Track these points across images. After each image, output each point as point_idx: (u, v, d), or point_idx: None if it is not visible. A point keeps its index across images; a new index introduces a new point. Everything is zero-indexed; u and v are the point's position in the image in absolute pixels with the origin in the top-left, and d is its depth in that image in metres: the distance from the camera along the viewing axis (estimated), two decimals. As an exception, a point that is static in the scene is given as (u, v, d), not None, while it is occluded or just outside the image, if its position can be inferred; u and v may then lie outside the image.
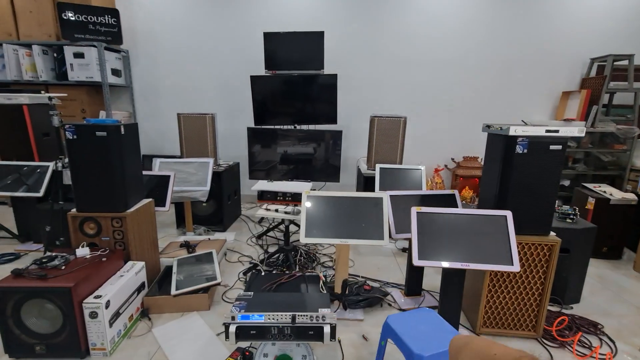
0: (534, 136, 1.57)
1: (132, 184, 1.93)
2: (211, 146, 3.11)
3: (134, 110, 3.82)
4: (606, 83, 3.27)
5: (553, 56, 3.59)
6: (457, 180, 3.68)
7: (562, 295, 2.08)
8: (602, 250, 2.71)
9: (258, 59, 3.39)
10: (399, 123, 2.95)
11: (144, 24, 3.63)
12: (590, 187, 2.83)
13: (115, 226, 1.86)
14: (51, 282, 1.46)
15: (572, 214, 2.10)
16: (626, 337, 1.82)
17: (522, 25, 3.54)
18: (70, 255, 1.68)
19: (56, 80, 3.42)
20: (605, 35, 3.52)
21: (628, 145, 3.41)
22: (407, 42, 3.60)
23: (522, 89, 3.68)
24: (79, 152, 1.74)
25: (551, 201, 1.64)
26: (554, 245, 1.65)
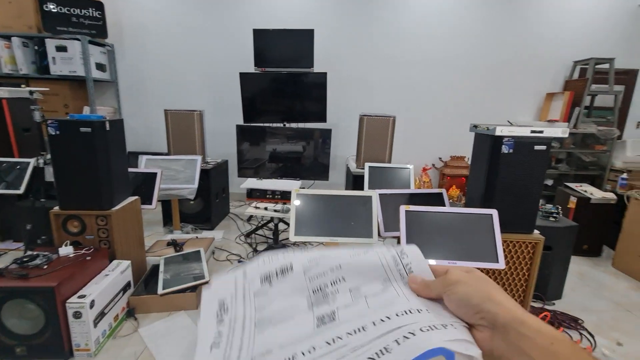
0: (519, 136, 1.61)
1: (118, 182, 1.89)
2: (199, 143, 3.07)
3: (120, 106, 3.73)
4: (588, 85, 3.37)
5: (538, 59, 3.68)
6: (444, 179, 3.74)
7: (544, 291, 2.14)
8: (583, 247, 2.80)
9: (247, 55, 3.36)
10: (388, 122, 2.97)
11: (130, 17, 3.55)
12: (572, 186, 2.92)
13: (100, 224, 1.81)
14: (33, 281, 1.42)
15: (555, 213, 2.16)
16: (605, 331, 1.88)
17: (508, 28, 3.61)
18: (53, 254, 1.63)
19: (37, 73, 3.31)
20: (588, 39, 3.63)
21: (608, 146, 3.52)
22: (396, 42, 3.63)
23: (508, 90, 3.76)
24: (62, 148, 1.69)
25: (535, 200, 1.69)
26: (537, 243, 1.69)
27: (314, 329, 0.36)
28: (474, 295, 0.31)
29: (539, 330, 0.27)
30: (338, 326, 0.35)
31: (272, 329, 0.38)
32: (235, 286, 0.43)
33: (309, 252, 0.42)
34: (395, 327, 0.32)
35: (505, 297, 0.31)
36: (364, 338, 0.32)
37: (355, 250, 0.42)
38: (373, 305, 0.36)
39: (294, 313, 0.39)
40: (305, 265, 0.42)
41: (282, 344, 0.35)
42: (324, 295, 0.39)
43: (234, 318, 0.40)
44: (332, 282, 0.40)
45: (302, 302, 0.39)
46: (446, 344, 0.28)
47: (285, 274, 0.42)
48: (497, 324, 0.29)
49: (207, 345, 0.39)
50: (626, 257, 2.57)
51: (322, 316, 0.37)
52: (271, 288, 0.41)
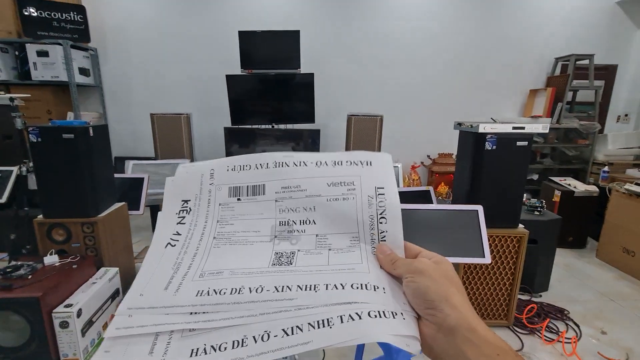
0: (502, 133, 1.64)
1: (103, 188, 1.86)
2: (187, 147, 3.04)
3: (105, 111, 3.67)
4: (569, 81, 3.45)
5: (521, 56, 3.75)
6: (433, 176, 3.78)
7: (531, 284, 2.19)
8: (568, 240, 2.87)
9: (234, 57, 3.34)
10: (376, 121, 3.00)
11: (112, 20, 3.50)
12: (557, 180, 2.98)
13: (86, 232, 1.79)
14: (17, 292, 1.39)
15: (539, 207, 2.21)
16: (590, 321, 1.93)
17: (491, 26, 3.67)
18: (38, 263, 1.60)
19: (18, 79, 3.24)
20: (568, 36, 3.71)
21: (590, 140, 3.61)
22: (382, 41, 3.66)
23: (492, 87, 3.82)
24: (45, 155, 1.66)
25: (519, 194, 1.72)
26: (522, 237, 1.73)
27: (269, 266, 0.35)
28: (432, 291, 0.30)
29: (487, 340, 0.27)
30: (292, 272, 0.34)
31: (228, 249, 0.36)
32: (201, 188, 0.40)
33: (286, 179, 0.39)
34: (346, 301, 0.30)
35: (464, 301, 0.30)
36: (311, 299, 0.31)
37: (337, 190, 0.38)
38: (334, 262, 0.35)
39: (254, 239, 0.37)
40: (279, 195, 0.39)
41: (234, 270, 0.34)
42: (290, 232, 0.37)
43: (195, 222, 0.39)
44: (301, 221, 0.38)
45: (266, 230, 0.38)
46: (389, 339, 0.27)
47: (256, 195, 0.39)
48: (444, 325, 0.29)
49: (163, 241, 0.37)
50: (609, 248, 2.64)
51: (280, 253, 0.36)
52: (238, 204, 0.39)
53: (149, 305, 0.32)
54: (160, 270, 0.35)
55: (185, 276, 0.34)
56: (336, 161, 0.40)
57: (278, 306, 0.31)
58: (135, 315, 0.32)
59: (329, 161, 0.40)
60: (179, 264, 0.35)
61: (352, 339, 0.27)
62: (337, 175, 0.39)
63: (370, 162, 0.40)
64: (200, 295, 0.32)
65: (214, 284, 0.33)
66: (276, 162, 0.40)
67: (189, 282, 0.34)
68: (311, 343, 0.27)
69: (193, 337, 0.30)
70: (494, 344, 0.27)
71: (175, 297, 0.33)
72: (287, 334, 0.28)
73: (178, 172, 0.42)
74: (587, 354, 1.66)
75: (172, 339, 0.30)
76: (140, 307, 0.32)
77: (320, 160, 0.40)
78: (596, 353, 1.67)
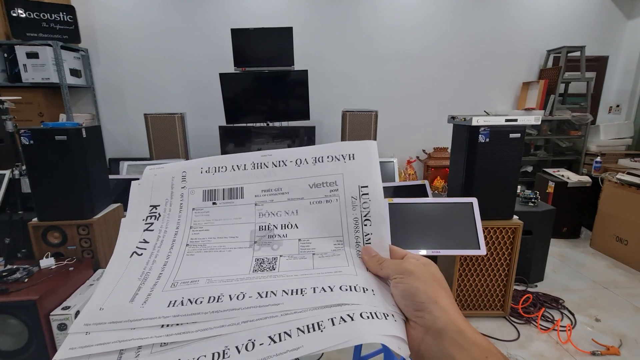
0: (494, 125, 1.65)
1: (98, 189, 1.85)
2: (182, 147, 3.03)
3: (98, 112, 3.64)
4: (561, 73, 3.48)
5: (513, 48, 3.77)
6: (428, 170, 3.80)
7: (527, 274, 2.21)
8: (563, 230, 2.90)
9: (227, 55, 3.32)
10: (371, 117, 3.00)
11: (102, 20, 3.46)
12: (550, 171, 3.01)
13: (82, 234, 1.78)
14: (13, 296, 1.39)
15: (534, 198, 2.23)
16: (584, 309, 1.97)
17: (484, 19, 3.68)
18: (34, 267, 1.59)
19: (8, 82, 3.20)
20: (560, 28, 3.74)
21: (583, 131, 3.64)
22: (374, 36, 3.66)
23: (486, 80, 3.84)
24: (37, 158, 1.65)
25: (513, 186, 1.74)
26: (517, 228, 1.75)
27: (249, 273, 0.32)
28: (421, 293, 0.30)
29: (475, 343, 0.27)
30: (275, 278, 0.31)
31: (204, 256, 0.34)
32: (172, 192, 0.37)
33: (266, 181, 0.37)
34: (335, 303, 0.29)
35: (452, 303, 0.30)
36: (298, 303, 0.29)
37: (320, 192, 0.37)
38: (319, 266, 0.33)
39: (232, 246, 0.34)
40: (259, 198, 0.37)
41: (211, 278, 0.32)
42: (271, 236, 0.35)
43: (165, 229, 0.35)
44: (283, 225, 0.36)
45: (245, 235, 0.35)
46: (382, 339, 0.27)
47: (233, 198, 0.37)
48: (433, 327, 0.28)
49: (127, 251, 0.34)
50: (602, 237, 2.68)
51: (261, 260, 0.34)
52: (213, 209, 0.36)
53: (111, 320, 0.29)
54: (124, 281, 0.32)
55: (154, 287, 0.31)
56: (317, 157, 0.38)
57: (263, 312, 0.28)
58: (94, 332, 0.28)
59: (310, 158, 0.38)
60: (146, 274, 0.32)
61: (345, 341, 0.26)
62: (319, 174, 0.37)
63: (353, 155, 0.38)
64: (173, 305, 0.29)
65: (189, 293, 0.30)
66: (254, 163, 0.38)
67: (159, 293, 0.31)
68: (302, 349, 0.26)
69: (165, 352, 0.27)
70: (483, 347, 0.27)
71: (143, 310, 0.29)
72: (274, 341, 0.26)
73: (145, 175, 0.39)
74: (582, 341, 1.69)
75: (139, 355, 0.27)
76: (100, 322, 0.29)
77: (300, 158, 0.38)
78: (590, 340, 1.70)
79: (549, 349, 1.66)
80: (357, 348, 1.45)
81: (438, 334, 0.28)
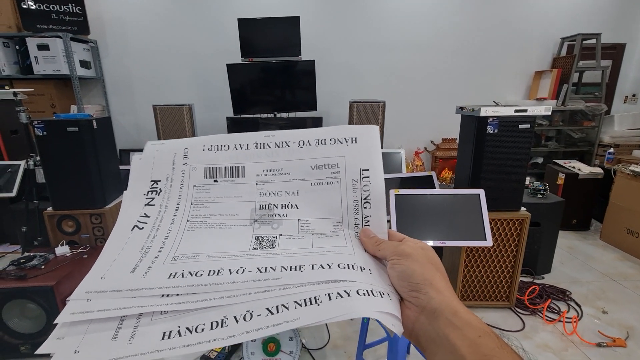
0: (503, 116, 1.63)
1: (110, 179, 1.90)
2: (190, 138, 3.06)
3: (107, 103, 3.69)
4: (575, 62, 3.38)
5: (525, 36, 3.67)
6: (436, 162, 3.77)
7: (534, 266, 2.21)
8: (572, 222, 2.87)
9: (234, 46, 3.31)
10: (378, 107, 2.98)
11: (111, 12, 3.47)
12: (561, 163, 2.96)
13: (95, 223, 1.83)
14: (31, 281, 1.44)
15: (542, 190, 2.21)
16: (592, 301, 1.96)
17: (495, 6, 3.59)
18: (50, 254, 1.65)
19: (21, 74, 3.26)
20: (574, 15, 3.62)
21: (596, 122, 3.56)
22: (382, 25, 3.60)
23: (496, 69, 3.76)
24: (51, 149, 1.69)
25: (521, 178, 1.73)
26: (524, 220, 1.74)
27: (249, 250, 0.33)
28: (418, 274, 0.31)
29: (469, 323, 0.28)
30: (275, 256, 0.32)
31: (204, 232, 0.34)
32: (173, 168, 0.38)
33: (268, 161, 0.38)
34: (333, 279, 0.30)
35: (447, 286, 0.31)
36: (297, 278, 0.30)
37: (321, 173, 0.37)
38: (317, 245, 0.34)
39: (232, 223, 0.35)
40: (260, 177, 0.37)
41: (211, 254, 0.33)
42: (271, 215, 0.36)
43: (165, 205, 0.36)
44: (283, 205, 0.37)
45: (245, 213, 0.36)
46: (376, 315, 0.28)
47: (235, 177, 0.37)
48: (428, 307, 0.29)
49: (128, 224, 0.35)
50: (613, 230, 2.64)
51: (261, 238, 0.34)
52: (214, 186, 0.37)
53: (112, 288, 0.29)
54: (125, 254, 0.33)
55: (155, 260, 0.32)
56: (320, 140, 0.38)
57: (262, 286, 0.29)
58: (95, 299, 0.29)
59: (312, 140, 0.38)
60: (147, 247, 0.33)
61: (340, 315, 0.27)
62: (321, 156, 0.38)
63: (355, 138, 0.38)
64: (174, 277, 0.30)
65: (189, 267, 0.31)
66: (257, 142, 0.39)
67: (159, 265, 0.31)
68: (298, 320, 0.27)
69: (166, 320, 0.27)
70: (476, 326, 0.28)
71: (144, 280, 0.30)
72: (271, 312, 0.27)
73: (147, 150, 0.39)
74: (588, 333, 1.69)
75: (140, 323, 0.27)
76: (101, 290, 0.29)
77: (303, 139, 0.38)
78: (597, 332, 1.70)
79: (554, 339, 1.67)
80: (362, 336, 1.48)
81: (432, 314, 0.29)
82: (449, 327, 0.28)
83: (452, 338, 0.27)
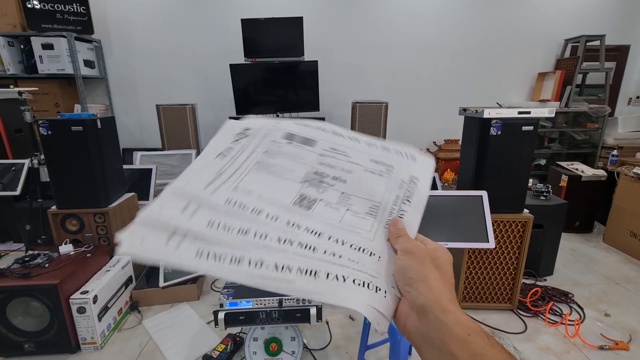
0: (507, 118, 1.63)
1: (113, 179, 1.91)
2: (193, 137, 3.07)
3: (111, 102, 3.71)
4: (579, 63, 3.37)
5: (529, 38, 3.66)
6: (439, 163, 3.76)
7: (536, 268, 2.20)
8: (575, 224, 2.86)
9: (237, 46, 3.32)
10: (381, 108, 2.98)
11: (115, 12, 3.49)
12: (564, 165, 2.95)
13: (98, 221, 1.84)
14: (35, 280, 1.45)
15: (545, 192, 2.20)
16: (594, 304, 1.95)
17: (499, 8, 3.58)
18: (54, 252, 1.66)
19: (25, 73, 3.27)
20: (578, 16, 3.60)
21: (600, 124, 3.55)
22: (385, 26, 3.60)
23: (500, 71, 3.75)
24: (55, 148, 1.70)
25: (524, 180, 1.72)
26: (527, 222, 1.73)
27: (290, 204, 0.38)
28: (414, 270, 0.31)
29: (459, 321, 0.28)
30: (307, 217, 0.37)
31: (263, 175, 0.41)
32: (265, 125, 0.47)
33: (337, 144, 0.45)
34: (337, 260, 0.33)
35: (441, 284, 0.31)
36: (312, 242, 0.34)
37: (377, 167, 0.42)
38: (345, 222, 0.37)
39: (287, 176, 0.41)
40: (325, 152, 0.44)
41: (262, 195, 0.38)
42: (320, 182, 0.41)
43: (247, 145, 0.44)
44: (334, 177, 0.41)
45: (300, 173, 0.41)
46: (364, 309, 0.29)
47: (305, 144, 0.45)
48: (417, 302, 0.30)
49: (215, 151, 0.43)
50: (616, 232, 2.63)
51: (304, 196, 0.39)
52: (286, 145, 0.44)
53: (190, 193, 0.38)
54: (205, 173, 0.41)
55: (223, 184, 0.39)
56: (385, 147, 0.45)
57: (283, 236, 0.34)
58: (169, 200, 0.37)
59: (379, 145, 0.45)
60: (221, 172, 0.41)
61: (329, 298, 0.30)
62: (382, 156, 0.44)
63: (415, 157, 0.45)
64: (228, 203, 0.37)
65: (242, 199, 0.38)
66: (334, 131, 0.46)
67: (224, 190, 0.39)
68: (293, 284, 0.30)
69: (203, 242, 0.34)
70: (466, 325, 0.28)
71: (211, 197, 0.38)
72: (276, 268, 0.31)
73: (248, 119, 0.48)
74: (590, 336, 1.68)
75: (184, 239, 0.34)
76: (182, 192, 0.38)
77: (371, 142, 0.45)
78: (599, 335, 1.69)
79: (556, 342, 1.66)
80: (363, 337, 1.48)
81: (422, 311, 0.29)
82: (438, 324, 0.28)
83: (442, 335, 0.27)
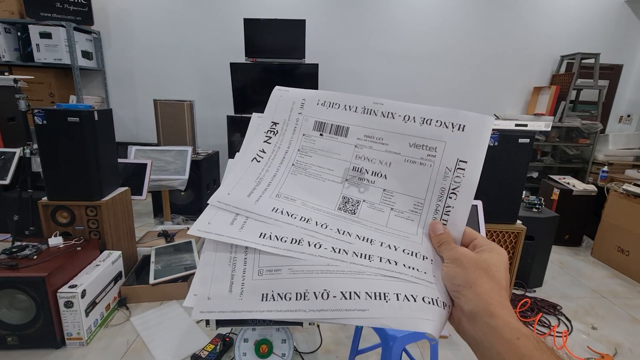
0: (504, 130, 1.65)
1: (107, 172, 1.88)
2: (189, 134, 3.05)
3: (107, 95, 3.66)
4: (574, 80, 3.44)
5: (526, 53, 3.73)
6: (433, 171, 3.79)
7: (526, 279, 2.22)
8: (565, 237, 2.90)
9: (238, 45, 3.32)
10: (379, 114, 2.99)
11: (116, 4, 3.46)
12: (556, 178, 3.00)
13: (90, 215, 1.81)
14: (23, 272, 1.42)
15: (538, 204, 2.23)
16: (581, 316, 1.98)
17: (498, 23, 3.64)
18: (42, 244, 1.63)
19: (20, 61, 3.22)
20: (575, 34, 3.69)
21: (591, 140, 3.62)
22: (388, 35, 3.63)
23: (497, 83, 3.81)
24: (49, 138, 1.67)
25: (518, 191, 1.74)
26: (519, 233, 1.75)
27: (335, 209, 0.37)
28: (460, 277, 0.32)
29: (507, 324, 0.28)
30: (354, 222, 0.36)
31: (303, 179, 0.39)
32: (290, 115, 0.42)
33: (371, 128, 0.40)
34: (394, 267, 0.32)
35: (490, 289, 0.31)
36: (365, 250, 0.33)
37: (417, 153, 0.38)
38: (391, 225, 0.36)
39: (327, 176, 0.39)
40: (360, 141, 0.40)
41: (306, 201, 0.37)
42: (360, 179, 0.38)
43: (279, 145, 0.41)
44: (374, 172, 0.38)
45: (339, 170, 0.39)
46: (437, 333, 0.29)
47: (338, 135, 0.40)
48: (465, 309, 0.31)
49: (250, 155, 0.41)
50: (604, 247, 2.67)
51: (347, 198, 0.37)
52: (319, 139, 0.41)
53: (234, 204, 0.37)
54: (245, 180, 0.39)
55: (264, 192, 0.38)
56: (426, 119, 0.38)
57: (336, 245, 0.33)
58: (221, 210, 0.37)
59: (418, 118, 0.39)
60: (260, 179, 0.39)
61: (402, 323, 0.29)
62: (423, 136, 0.38)
63: (464, 126, 0.37)
64: (275, 212, 0.36)
65: (288, 207, 0.37)
66: (365, 107, 0.41)
67: (267, 198, 0.37)
68: (367, 312, 0.29)
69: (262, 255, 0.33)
70: (515, 328, 0.28)
71: (256, 206, 0.37)
72: (344, 297, 0.30)
73: (274, 94, 0.44)
74: (577, 348, 1.71)
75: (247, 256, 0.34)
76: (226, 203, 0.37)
77: (409, 114, 0.39)
78: (586, 347, 1.71)
79: (544, 353, 1.68)
80: (354, 341, 1.48)
81: (472, 317, 0.30)
82: (487, 329, 0.29)
83: (492, 339, 0.28)
